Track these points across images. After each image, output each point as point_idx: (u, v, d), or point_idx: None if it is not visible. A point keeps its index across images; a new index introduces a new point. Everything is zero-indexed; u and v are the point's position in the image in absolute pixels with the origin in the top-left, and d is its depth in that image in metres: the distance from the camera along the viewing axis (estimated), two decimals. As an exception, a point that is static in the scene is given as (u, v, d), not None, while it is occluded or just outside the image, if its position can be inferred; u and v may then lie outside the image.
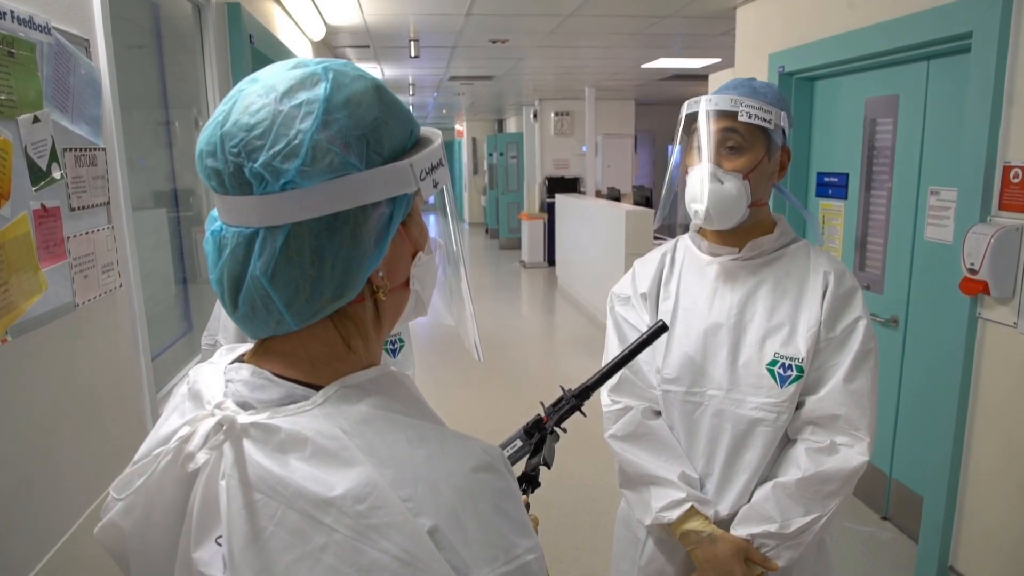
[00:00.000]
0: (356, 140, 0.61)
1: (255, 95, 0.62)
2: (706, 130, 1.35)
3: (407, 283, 0.70)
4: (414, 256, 0.70)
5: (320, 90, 0.61)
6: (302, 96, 0.61)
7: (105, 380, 1.55)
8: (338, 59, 0.67)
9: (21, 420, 1.21)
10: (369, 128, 0.62)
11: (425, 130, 0.70)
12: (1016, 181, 2.27)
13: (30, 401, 1.24)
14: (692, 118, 1.38)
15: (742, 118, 1.30)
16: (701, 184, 1.34)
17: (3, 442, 1.16)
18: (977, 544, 2.53)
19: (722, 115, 1.33)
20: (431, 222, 0.81)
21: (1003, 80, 2.29)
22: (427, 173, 0.65)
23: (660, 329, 1.20)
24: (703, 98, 1.36)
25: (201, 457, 0.60)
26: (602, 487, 3.53)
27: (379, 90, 0.65)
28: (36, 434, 1.25)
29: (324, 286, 0.62)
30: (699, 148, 1.37)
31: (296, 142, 0.59)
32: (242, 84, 0.65)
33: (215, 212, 0.65)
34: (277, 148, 0.59)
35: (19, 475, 1.20)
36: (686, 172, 1.40)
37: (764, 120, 1.30)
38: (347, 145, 0.60)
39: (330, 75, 0.62)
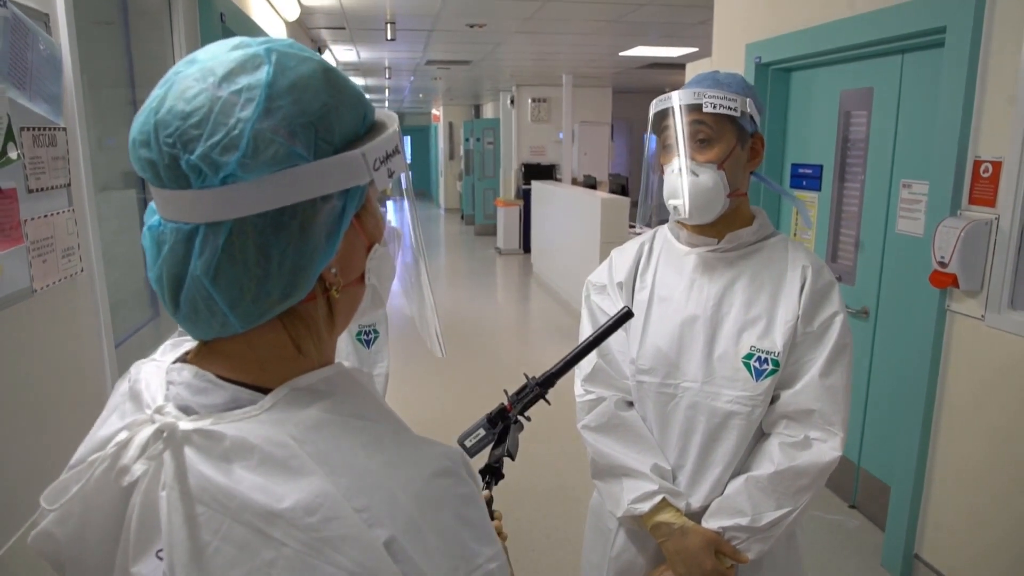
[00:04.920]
0: (302, 128, 0.56)
1: (192, 79, 0.57)
2: (675, 126, 1.35)
3: (362, 278, 0.66)
4: (369, 249, 0.65)
5: (262, 74, 0.56)
6: (242, 81, 0.56)
7: (65, 368, 1.50)
8: (282, 39, 0.62)
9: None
10: (317, 115, 0.57)
11: (380, 113, 0.66)
12: (986, 175, 2.29)
13: (-15, 390, 1.20)
14: (660, 116, 1.39)
15: (707, 109, 1.31)
16: (678, 180, 1.34)
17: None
18: (943, 532, 2.58)
19: (689, 109, 1.33)
20: (389, 208, 0.78)
21: (975, 75, 2.31)
22: (381, 162, 0.60)
23: (625, 316, 1.18)
24: (668, 95, 1.36)
25: (137, 469, 0.56)
26: (573, 477, 3.53)
27: (328, 73, 0.60)
28: (-8, 424, 1.21)
29: (271, 286, 0.57)
30: (671, 145, 1.37)
31: (236, 132, 0.54)
32: (179, 66, 0.59)
33: (153, 205, 0.60)
34: (215, 139, 0.54)
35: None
36: (662, 171, 1.41)
37: (729, 108, 1.31)
38: (292, 134, 0.56)
39: (273, 57, 0.57)
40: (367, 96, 0.65)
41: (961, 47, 2.34)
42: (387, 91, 12.62)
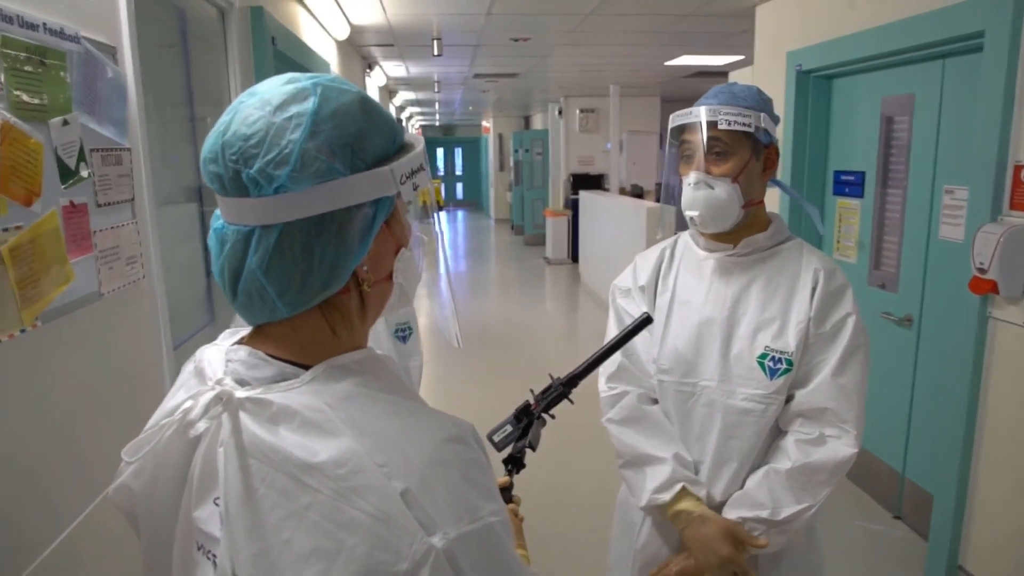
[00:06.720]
0: (341, 148, 0.68)
1: (252, 108, 0.69)
2: (692, 140, 1.42)
3: (391, 276, 0.77)
4: (397, 251, 0.76)
5: (309, 104, 0.68)
6: (293, 109, 0.68)
7: (128, 365, 1.63)
8: (328, 75, 0.74)
9: (48, 401, 1.30)
10: (353, 137, 0.68)
11: (409, 137, 0.77)
12: (1027, 180, 2.27)
13: (57, 383, 1.33)
14: (678, 129, 1.46)
15: (722, 126, 1.37)
16: (693, 192, 1.41)
17: (30, 421, 1.25)
18: (987, 543, 2.54)
19: (705, 125, 1.39)
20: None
21: (1015, 79, 2.29)
22: (407, 177, 0.72)
23: (645, 321, 1.25)
24: (686, 111, 1.43)
25: (201, 425, 0.67)
26: (603, 474, 3.56)
27: (364, 103, 0.71)
28: (61, 414, 1.34)
29: (313, 278, 0.69)
30: (688, 157, 1.44)
31: (287, 151, 0.66)
32: (242, 97, 0.72)
33: (219, 211, 0.72)
34: (270, 156, 0.66)
35: (42, 454, 1.29)
36: (681, 181, 1.47)
37: (743, 125, 1.36)
38: (333, 153, 0.67)
39: (319, 90, 0.69)
40: (419, 110, 0.75)
41: (1000, 51, 2.32)
42: (437, 104, 12.83)
